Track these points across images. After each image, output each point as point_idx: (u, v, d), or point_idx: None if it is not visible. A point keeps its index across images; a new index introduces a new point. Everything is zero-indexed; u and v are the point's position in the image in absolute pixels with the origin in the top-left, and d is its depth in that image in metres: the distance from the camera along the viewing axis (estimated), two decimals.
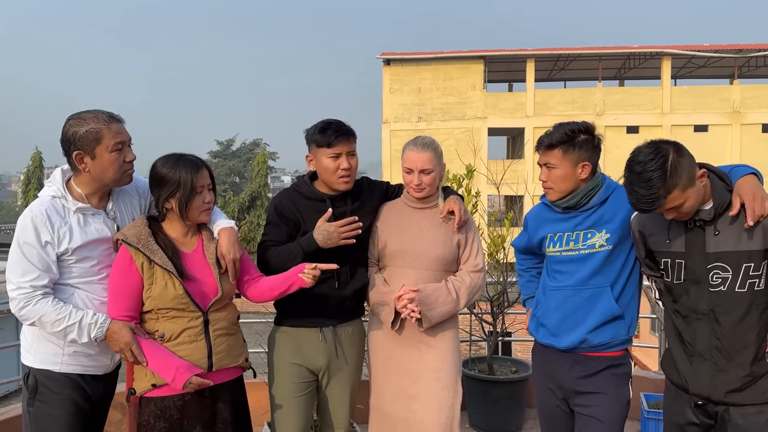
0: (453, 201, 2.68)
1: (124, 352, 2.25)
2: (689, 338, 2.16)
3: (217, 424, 2.38)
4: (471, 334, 4.78)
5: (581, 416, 2.44)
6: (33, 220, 2.21)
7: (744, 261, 2.02)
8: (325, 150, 2.54)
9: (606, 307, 2.38)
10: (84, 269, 2.30)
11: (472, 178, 4.52)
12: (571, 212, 2.45)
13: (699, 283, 2.10)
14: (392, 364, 2.68)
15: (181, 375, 2.23)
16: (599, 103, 26.09)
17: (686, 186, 1.98)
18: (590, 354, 2.42)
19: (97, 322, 2.23)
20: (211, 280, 2.36)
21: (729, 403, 2.08)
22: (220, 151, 51.09)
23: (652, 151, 1.98)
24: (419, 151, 2.63)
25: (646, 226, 2.26)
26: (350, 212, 2.64)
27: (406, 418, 2.62)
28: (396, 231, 2.69)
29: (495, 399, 4.13)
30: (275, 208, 2.66)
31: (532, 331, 2.60)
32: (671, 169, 1.95)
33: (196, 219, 2.37)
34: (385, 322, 2.65)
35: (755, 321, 2.04)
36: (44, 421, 2.30)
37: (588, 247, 2.40)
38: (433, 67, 26.83)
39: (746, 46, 25.93)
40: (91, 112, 2.28)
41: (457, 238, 2.69)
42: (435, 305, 2.57)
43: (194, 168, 2.32)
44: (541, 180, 2.45)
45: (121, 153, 2.28)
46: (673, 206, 2.02)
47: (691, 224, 2.10)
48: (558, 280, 2.49)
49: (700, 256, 2.09)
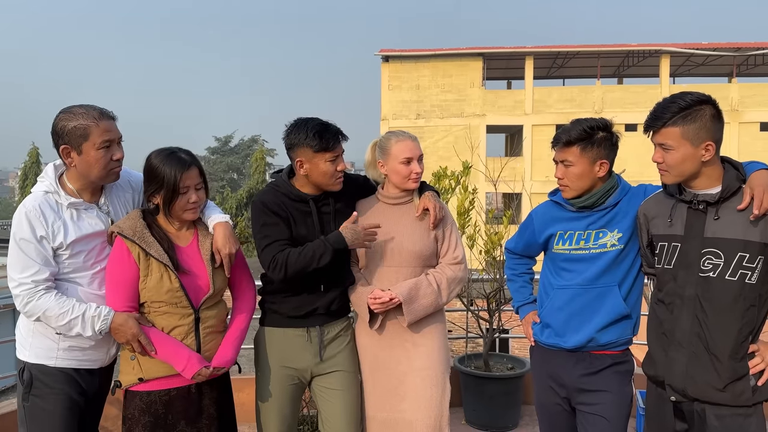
0: (428, 198, 2.65)
1: (131, 343, 2.25)
2: (669, 327, 2.14)
3: (202, 420, 2.38)
4: (467, 331, 4.78)
5: (585, 414, 2.41)
6: (27, 216, 2.22)
7: (739, 250, 2.00)
8: (324, 154, 2.48)
9: (614, 306, 2.36)
10: (78, 263, 2.31)
11: (469, 175, 4.52)
12: (585, 212, 2.41)
13: (689, 267, 2.08)
14: (379, 363, 2.64)
15: (192, 365, 2.26)
16: (598, 101, 26.08)
17: (687, 137, 2.03)
18: (594, 352, 2.41)
19: (101, 315, 2.23)
20: (205, 276, 2.36)
21: (704, 400, 2.06)
22: (218, 148, 51.03)
23: (701, 94, 2.06)
24: (412, 140, 2.65)
25: (651, 209, 2.26)
26: (334, 212, 2.62)
27: (395, 418, 2.59)
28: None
29: (491, 396, 4.13)
30: (265, 206, 2.53)
31: (536, 333, 2.56)
32: (692, 113, 2.03)
33: (181, 217, 2.36)
34: (364, 322, 2.63)
35: (740, 314, 2.02)
36: (39, 415, 2.30)
37: (599, 247, 2.37)
38: (432, 64, 26.80)
39: (745, 45, 25.94)
40: (83, 107, 2.27)
41: (435, 232, 2.67)
42: (416, 298, 2.55)
43: (180, 167, 2.29)
44: (557, 177, 2.40)
45: (108, 151, 2.27)
46: (663, 143, 2.07)
47: (695, 206, 2.09)
48: (564, 278, 2.46)
49: (696, 239, 2.08)
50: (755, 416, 2.04)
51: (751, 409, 2.04)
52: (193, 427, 2.35)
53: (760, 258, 2.00)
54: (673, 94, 2.13)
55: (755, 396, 2.03)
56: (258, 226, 2.54)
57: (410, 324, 2.59)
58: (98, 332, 2.24)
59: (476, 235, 4.58)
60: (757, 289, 2.02)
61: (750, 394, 2.03)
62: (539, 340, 2.55)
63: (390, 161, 2.64)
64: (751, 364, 2.03)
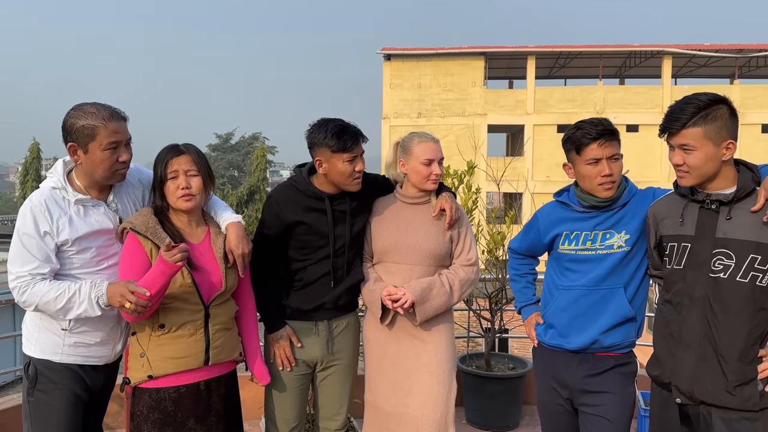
0: (445, 199, 2.68)
1: (126, 297, 2.10)
2: (677, 327, 2.12)
3: (211, 417, 2.38)
4: (469, 330, 4.78)
5: (588, 416, 2.41)
6: (32, 210, 2.22)
7: (751, 251, 1.98)
8: (342, 155, 2.51)
9: (619, 308, 2.35)
10: (85, 260, 2.31)
11: (473, 174, 4.52)
12: (593, 212, 2.39)
13: (700, 267, 2.06)
14: (386, 359, 2.68)
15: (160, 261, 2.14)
16: (599, 101, 26.07)
17: (708, 137, 2.00)
18: (598, 353, 2.40)
19: (96, 283, 2.23)
20: (217, 273, 2.36)
21: (711, 403, 2.04)
22: (219, 145, 51.01)
23: (715, 94, 2.04)
24: (434, 143, 2.68)
25: (661, 210, 2.24)
26: (350, 211, 2.65)
27: (400, 413, 2.63)
28: (389, 227, 2.70)
29: (492, 395, 4.14)
30: (275, 212, 2.61)
31: (539, 333, 2.55)
32: (711, 113, 2.00)
33: (175, 205, 2.34)
34: (375, 317, 2.66)
35: (750, 317, 1.99)
36: (43, 410, 2.31)
37: (606, 248, 2.36)
38: (434, 63, 26.79)
39: (747, 46, 25.93)
40: (95, 106, 2.27)
41: (450, 233, 2.69)
42: (429, 298, 2.58)
43: (170, 153, 2.33)
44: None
45: (114, 152, 2.27)
46: (685, 144, 2.02)
47: (708, 205, 2.07)
48: (569, 278, 2.45)
49: (707, 240, 2.06)
50: (762, 421, 2.01)
51: (758, 414, 2.01)
52: (202, 425, 2.35)
53: None
54: (686, 96, 2.08)
55: (762, 401, 2.00)
56: (260, 221, 2.68)
57: (420, 323, 2.62)
58: (95, 300, 2.20)
59: (479, 235, 4.59)
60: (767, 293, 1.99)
61: (758, 398, 2.00)
62: (542, 341, 2.55)
63: (411, 161, 2.66)
64: (760, 369, 2.01)
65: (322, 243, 2.62)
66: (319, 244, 2.63)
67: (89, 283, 2.24)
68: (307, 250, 2.64)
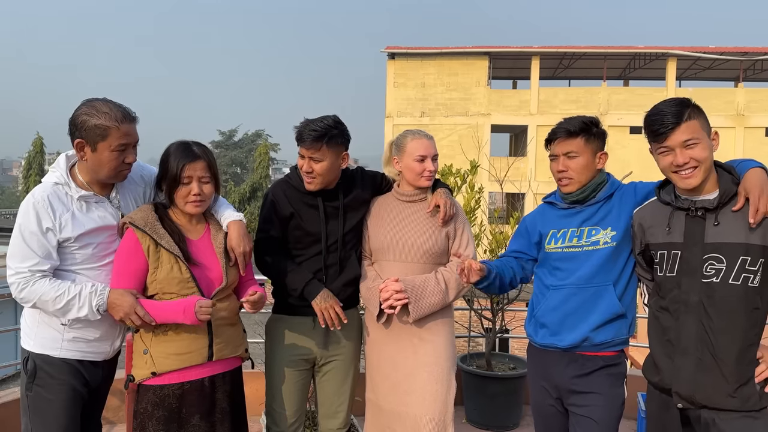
0: (440, 195, 2.68)
1: (129, 317, 2.21)
2: (674, 334, 2.12)
3: (215, 414, 2.37)
4: (470, 330, 4.78)
5: (575, 415, 2.43)
6: (35, 206, 2.21)
7: (741, 253, 1.99)
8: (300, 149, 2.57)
9: (609, 304, 2.37)
10: (87, 256, 2.30)
11: (476, 173, 4.52)
12: (577, 207, 2.44)
13: (692, 274, 2.07)
14: (386, 357, 2.68)
15: (189, 306, 2.20)
16: (603, 103, 26.01)
17: (705, 129, 2.04)
18: (587, 353, 2.41)
19: (97, 290, 2.23)
20: (217, 269, 2.36)
21: (712, 407, 2.04)
22: (222, 141, 51.02)
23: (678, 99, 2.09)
24: (427, 139, 2.69)
25: (647, 218, 2.25)
26: (342, 207, 2.68)
27: (400, 411, 2.63)
28: (385, 225, 2.70)
29: (492, 395, 4.14)
30: (271, 203, 2.67)
31: (531, 334, 2.57)
32: (693, 108, 2.05)
33: (183, 209, 2.36)
34: (372, 315, 2.67)
35: (744, 318, 2.01)
36: (42, 405, 2.30)
37: (591, 244, 2.38)
38: (438, 62, 26.75)
39: (752, 49, 25.82)
40: (108, 105, 2.25)
41: (447, 230, 2.69)
42: (423, 295, 2.58)
43: (185, 157, 2.31)
44: (559, 171, 2.42)
45: (122, 154, 2.27)
46: (689, 139, 2.02)
47: (693, 213, 2.08)
48: (558, 277, 2.47)
49: (697, 246, 2.06)
50: (762, 419, 2.02)
51: (759, 413, 2.02)
52: (207, 422, 2.34)
53: (761, 261, 1.99)
54: (655, 105, 2.13)
55: (762, 400, 2.02)
56: (260, 214, 2.74)
57: (415, 321, 2.61)
58: (95, 308, 2.22)
59: (481, 235, 4.58)
60: (759, 292, 2.01)
61: (757, 398, 2.02)
62: (534, 341, 2.56)
63: (404, 158, 2.67)
64: (757, 371, 2.02)
65: (314, 239, 2.64)
66: (311, 240, 2.64)
67: (90, 287, 2.23)
68: (299, 245, 2.66)
